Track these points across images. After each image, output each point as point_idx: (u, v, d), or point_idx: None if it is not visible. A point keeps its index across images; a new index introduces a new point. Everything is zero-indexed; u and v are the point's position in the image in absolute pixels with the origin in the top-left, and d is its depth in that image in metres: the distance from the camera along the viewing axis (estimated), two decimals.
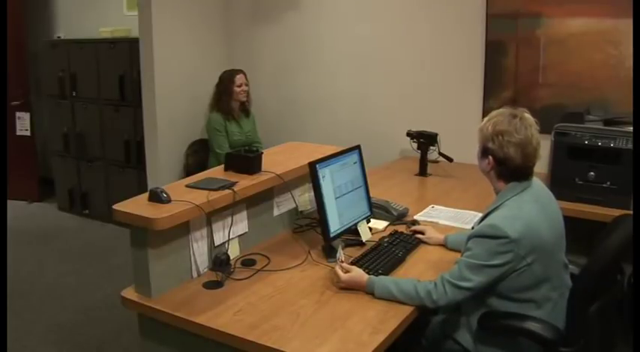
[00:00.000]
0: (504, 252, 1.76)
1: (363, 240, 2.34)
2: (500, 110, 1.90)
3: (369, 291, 1.92)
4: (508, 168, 1.86)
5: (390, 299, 1.87)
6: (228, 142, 3.96)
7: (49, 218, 5.00)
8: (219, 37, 4.39)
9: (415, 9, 3.72)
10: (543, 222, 1.83)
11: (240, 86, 4.00)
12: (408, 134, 3.48)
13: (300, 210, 2.58)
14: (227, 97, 4.00)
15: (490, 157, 1.87)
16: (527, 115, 1.87)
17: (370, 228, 2.43)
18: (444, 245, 2.33)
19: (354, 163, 2.43)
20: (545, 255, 1.81)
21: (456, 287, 1.80)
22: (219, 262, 2.07)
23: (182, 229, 2.00)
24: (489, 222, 1.81)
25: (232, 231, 2.18)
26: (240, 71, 4.07)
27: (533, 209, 1.83)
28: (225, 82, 4.01)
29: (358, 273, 1.96)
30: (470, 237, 1.85)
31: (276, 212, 2.47)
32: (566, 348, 1.79)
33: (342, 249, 2.13)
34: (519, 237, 1.75)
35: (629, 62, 3.05)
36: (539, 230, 1.80)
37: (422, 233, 2.39)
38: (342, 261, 2.03)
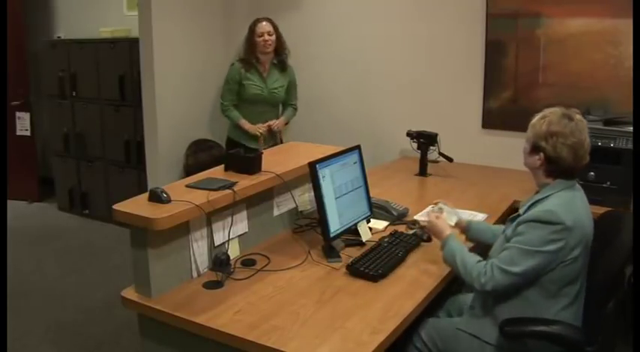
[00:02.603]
0: (558, 240, 1.78)
1: (363, 240, 2.34)
2: (554, 109, 1.91)
3: (441, 244, 2.05)
4: (559, 167, 1.88)
5: (450, 264, 1.98)
6: (237, 95, 3.73)
7: (49, 218, 5.00)
8: (220, 37, 4.39)
9: (415, 9, 3.72)
10: (587, 220, 1.88)
11: (261, 36, 3.61)
12: (408, 134, 3.48)
13: (300, 210, 2.58)
14: (250, 48, 3.67)
15: (541, 154, 1.88)
16: (580, 117, 1.89)
17: (370, 228, 2.44)
18: (463, 230, 2.37)
19: (354, 163, 2.43)
20: (586, 250, 1.85)
21: (504, 272, 1.81)
22: (219, 262, 2.07)
23: (182, 229, 2.00)
24: (545, 207, 1.82)
25: (232, 231, 2.18)
26: (264, 19, 3.69)
27: (581, 204, 1.88)
28: (248, 33, 3.69)
29: (444, 224, 2.13)
30: (521, 222, 1.85)
31: (276, 212, 2.47)
32: (588, 347, 1.81)
33: (342, 248, 2.13)
34: (573, 225, 1.78)
35: (629, 62, 3.05)
36: (586, 225, 1.85)
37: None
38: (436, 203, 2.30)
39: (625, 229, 1.92)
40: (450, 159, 3.43)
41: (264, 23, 3.64)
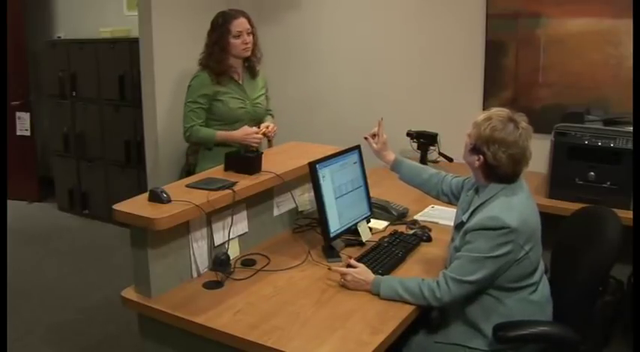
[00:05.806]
0: (506, 243, 1.78)
1: (363, 240, 2.34)
2: (500, 112, 1.89)
3: (374, 291, 1.91)
4: (496, 173, 1.88)
5: (396, 299, 1.87)
6: (204, 117, 2.93)
7: (49, 218, 5.00)
8: None
9: (415, 9, 3.72)
10: (530, 209, 1.89)
11: (238, 36, 2.88)
12: (408, 134, 3.48)
13: (300, 210, 2.58)
14: (221, 51, 2.89)
15: (481, 157, 1.88)
16: (525, 124, 1.87)
17: (370, 228, 2.44)
18: (392, 168, 2.39)
19: (354, 163, 2.43)
20: (536, 241, 1.87)
21: (459, 283, 1.81)
22: (219, 262, 2.07)
23: (182, 229, 2.00)
24: (487, 214, 1.83)
25: (232, 231, 2.18)
26: (240, 13, 2.92)
27: (522, 198, 1.88)
28: (219, 31, 2.90)
29: (364, 270, 1.97)
30: (468, 231, 1.86)
31: (276, 212, 2.47)
32: (582, 346, 1.83)
33: (342, 248, 2.13)
34: (518, 226, 1.79)
35: (629, 62, 3.05)
36: (530, 218, 1.86)
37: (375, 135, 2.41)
38: (349, 258, 2.05)
39: (609, 226, 1.92)
40: (449, 159, 3.43)
41: (241, 19, 2.89)
